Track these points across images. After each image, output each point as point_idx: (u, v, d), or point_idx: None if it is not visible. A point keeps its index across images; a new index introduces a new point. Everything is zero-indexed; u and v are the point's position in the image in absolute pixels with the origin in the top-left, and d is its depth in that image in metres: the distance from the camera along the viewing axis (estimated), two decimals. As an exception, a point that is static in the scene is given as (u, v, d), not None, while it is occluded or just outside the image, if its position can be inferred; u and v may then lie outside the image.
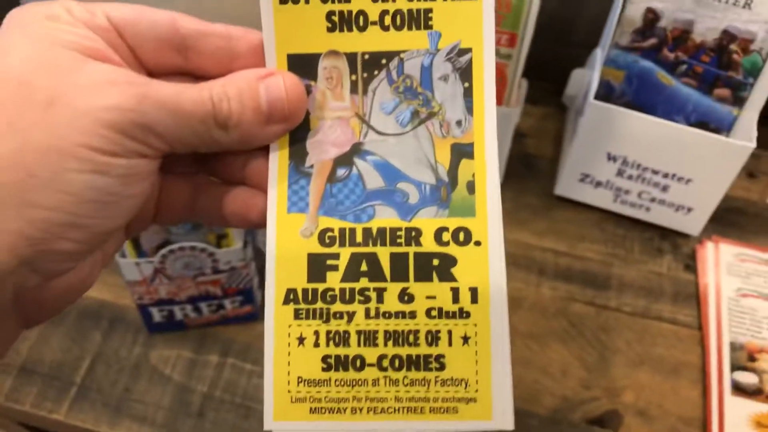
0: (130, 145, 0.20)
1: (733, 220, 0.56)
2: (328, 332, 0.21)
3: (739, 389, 0.47)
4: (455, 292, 0.21)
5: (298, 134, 0.23)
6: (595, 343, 0.49)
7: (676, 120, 0.51)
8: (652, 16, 0.49)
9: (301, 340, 0.21)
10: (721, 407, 0.46)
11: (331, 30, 0.21)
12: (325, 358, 0.21)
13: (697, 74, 0.50)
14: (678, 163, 0.51)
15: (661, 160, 0.52)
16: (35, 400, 0.46)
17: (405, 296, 0.21)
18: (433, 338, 0.21)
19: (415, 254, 0.21)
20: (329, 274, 0.21)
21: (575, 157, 0.54)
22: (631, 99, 0.53)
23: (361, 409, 0.21)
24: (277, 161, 0.23)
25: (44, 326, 0.49)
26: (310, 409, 0.21)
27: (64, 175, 0.19)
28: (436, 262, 0.21)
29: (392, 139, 0.22)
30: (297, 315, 0.21)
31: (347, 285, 0.21)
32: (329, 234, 0.22)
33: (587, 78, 0.54)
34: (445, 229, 0.21)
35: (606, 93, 0.53)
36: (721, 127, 0.51)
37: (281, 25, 0.21)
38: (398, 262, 0.21)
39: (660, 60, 0.51)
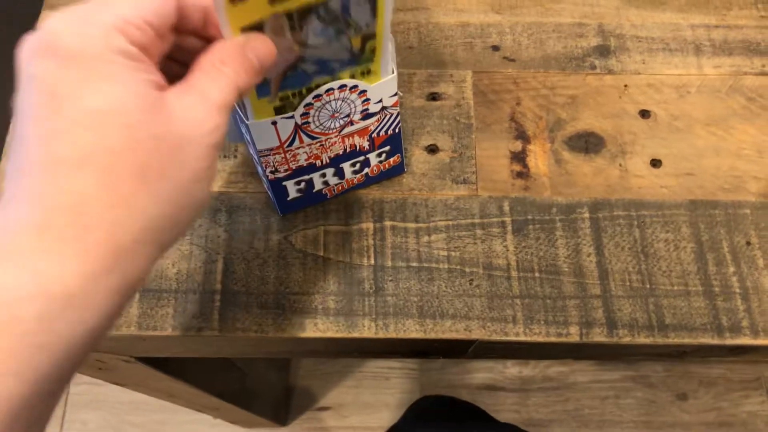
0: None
1: None
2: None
3: None
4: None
5: None
6: (781, 114, 0.43)
7: None
8: None
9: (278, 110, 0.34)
10: None
11: (271, 2, 0.27)
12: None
13: None
14: None
15: None
16: (175, 321, 0.38)
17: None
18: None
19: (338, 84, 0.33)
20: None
21: None
22: None
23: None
24: None
25: (150, 237, 0.40)
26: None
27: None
28: (351, 83, 0.33)
29: (323, 46, 0.30)
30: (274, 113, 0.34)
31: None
32: (285, 95, 0.32)
33: None
34: (355, 71, 0.33)
35: None
36: None
37: (232, 9, 0.26)
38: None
39: None
